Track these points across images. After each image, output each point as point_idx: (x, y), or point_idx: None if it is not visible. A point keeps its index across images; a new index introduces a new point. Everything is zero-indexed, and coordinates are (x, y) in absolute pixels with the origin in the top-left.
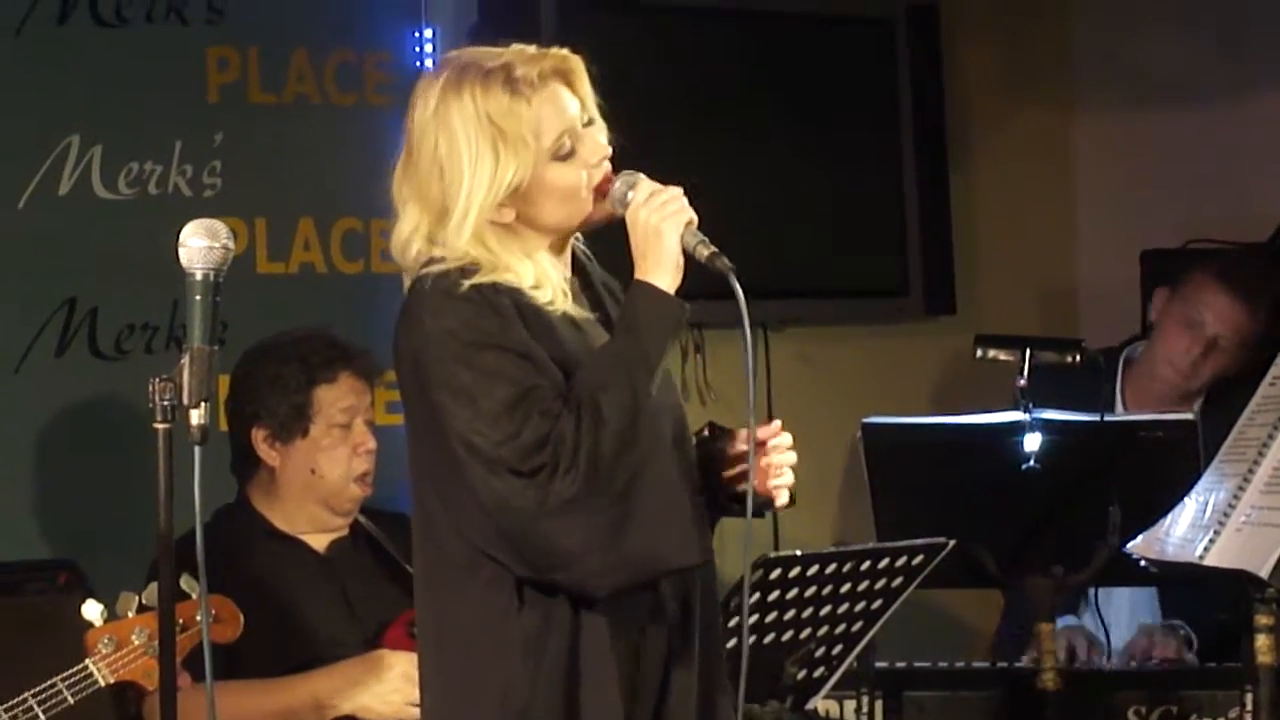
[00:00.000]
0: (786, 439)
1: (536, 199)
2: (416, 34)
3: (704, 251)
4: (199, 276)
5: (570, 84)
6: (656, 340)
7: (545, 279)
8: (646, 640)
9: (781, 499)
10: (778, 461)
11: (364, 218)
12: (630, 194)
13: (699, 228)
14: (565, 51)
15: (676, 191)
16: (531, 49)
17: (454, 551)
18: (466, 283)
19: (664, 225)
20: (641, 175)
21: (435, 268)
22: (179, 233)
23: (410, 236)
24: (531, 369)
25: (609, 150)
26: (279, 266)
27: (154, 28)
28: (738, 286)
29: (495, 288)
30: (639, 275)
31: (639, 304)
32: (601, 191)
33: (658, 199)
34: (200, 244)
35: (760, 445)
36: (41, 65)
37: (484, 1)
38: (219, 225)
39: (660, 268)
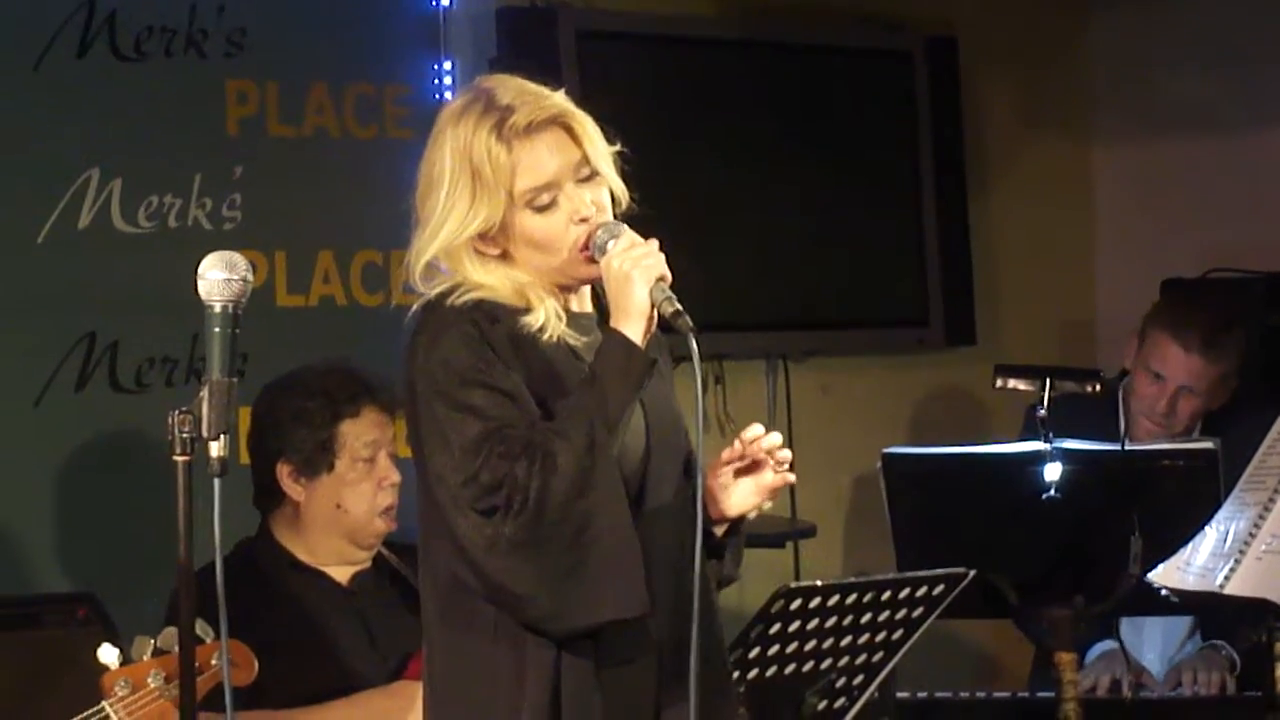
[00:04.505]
0: (776, 438)
1: (513, 243)
2: (436, 67)
3: (668, 308)
4: (218, 309)
5: (573, 135)
6: (617, 391)
7: (538, 303)
8: (633, 677)
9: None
10: (782, 458)
11: (384, 250)
12: (611, 243)
13: (723, 259)
14: (571, 105)
15: (652, 246)
16: (546, 95)
17: (444, 581)
18: (460, 302)
19: (634, 273)
20: (625, 227)
21: (432, 292)
22: (198, 266)
23: (416, 253)
24: (510, 407)
25: (593, 210)
26: (299, 299)
27: (173, 61)
28: (695, 347)
29: (492, 316)
30: (612, 322)
31: (605, 353)
32: (585, 248)
33: (634, 250)
34: (219, 276)
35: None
36: (61, 99)
37: (504, 34)
38: (238, 257)
39: (629, 316)
